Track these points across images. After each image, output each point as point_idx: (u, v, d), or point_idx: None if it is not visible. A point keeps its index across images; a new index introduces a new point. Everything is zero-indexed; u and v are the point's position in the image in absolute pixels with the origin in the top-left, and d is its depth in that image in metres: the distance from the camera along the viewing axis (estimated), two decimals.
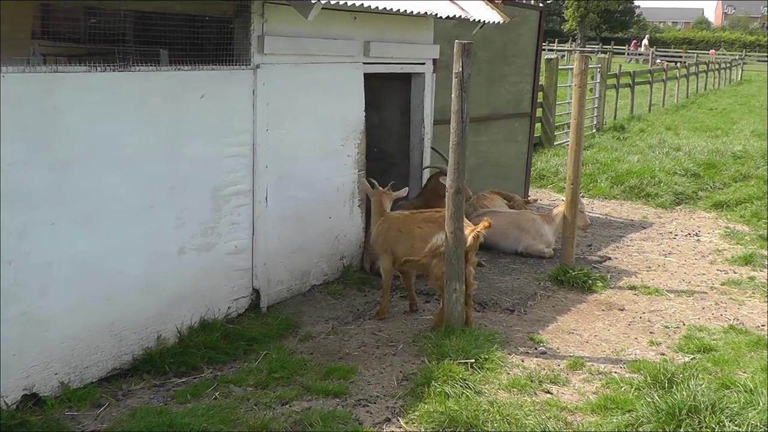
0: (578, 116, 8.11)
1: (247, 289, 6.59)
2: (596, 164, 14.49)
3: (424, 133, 8.69)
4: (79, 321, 5.17)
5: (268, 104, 6.48)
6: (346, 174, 7.56)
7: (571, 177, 8.23)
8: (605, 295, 7.67)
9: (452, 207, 6.11)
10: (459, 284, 6.17)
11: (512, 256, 8.98)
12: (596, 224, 10.77)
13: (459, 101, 6.01)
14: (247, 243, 6.50)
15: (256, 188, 6.48)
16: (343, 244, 7.70)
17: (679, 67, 34.82)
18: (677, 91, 31.47)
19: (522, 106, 11.18)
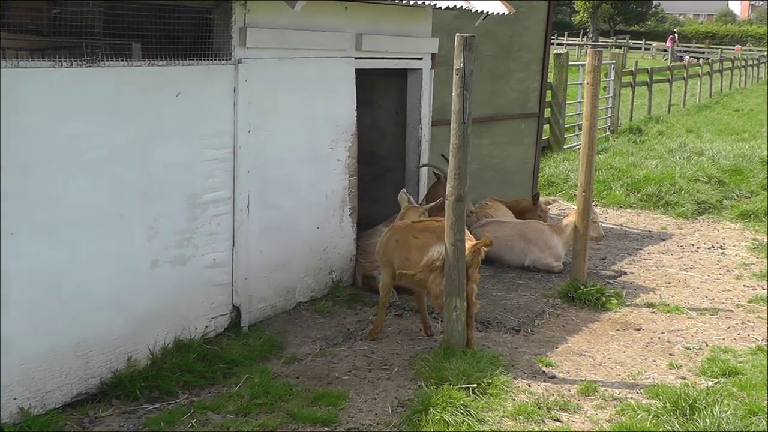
0: (591, 117, 8.15)
1: (227, 306, 6.59)
2: (610, 170, 14.54)
3: (421, 135, 8.72)
4: (40, 341, 5.17)
5: (251, 103, 6.50)
6: (335, 180, 7.57)
7: (583, 184, 8.26)
8: (620, 313, 7.69)
9: (452, 216, 6.13)
10: (460, 301, 6.19)
11: (518, 271, 9.00)
12: (610, 236, 10.80)
13: (460, 100, 6.04)
14: (226, 255, 6.50)
15: (236, 195, 6.49)
16: (333, 257, 7.71)
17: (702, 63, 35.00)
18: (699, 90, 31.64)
19: (529, 105, 11.22)
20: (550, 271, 8.97)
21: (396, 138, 9.05)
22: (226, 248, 6.49)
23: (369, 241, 7.95)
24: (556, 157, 16.14)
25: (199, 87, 6.08)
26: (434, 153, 9.03)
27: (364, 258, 7.89)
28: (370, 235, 8.04)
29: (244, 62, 6.40)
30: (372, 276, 7.83)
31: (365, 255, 7.89)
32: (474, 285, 6.35)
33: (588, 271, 8.61)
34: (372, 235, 8.03)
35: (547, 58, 11.33)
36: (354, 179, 7.81)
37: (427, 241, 6.43)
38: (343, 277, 7.86)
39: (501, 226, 9.26)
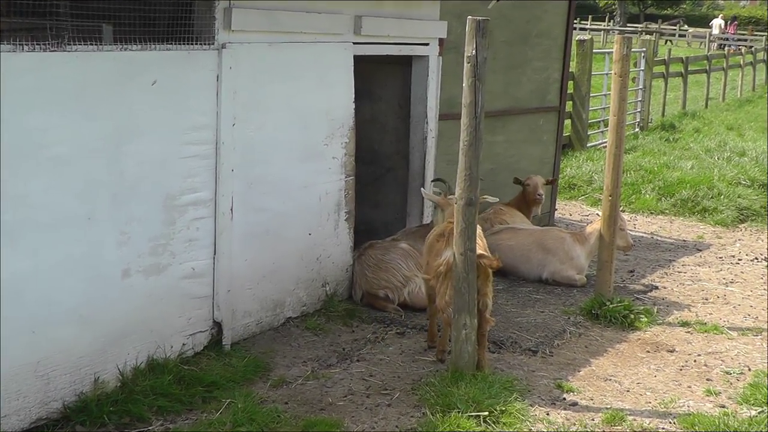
0: (618, 112, 8.17)
1: (207, 321, 6.60)
2: (640, 171, 14.55)
3: (427, 131, 8.74)
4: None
5: (236, 93, 6.52)
6: (330, 180, 7.59)
7: (609, 187, 8.27)
8: (651, 332, 7.70)
9: (462, 222, 6.15)
10: (469, 318, 6.20)
11: (535, 284, 9.02)
12: (640, 245, 10.81)
13: (472, 91, 6.06)
14: (206, 264, 6.51)
15: (219, 197, 6.50)
16: (327, 268, 7.72)
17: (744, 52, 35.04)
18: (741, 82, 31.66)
19: (548, 98, 11.24)
20: (571, 285, 8.98)
21: (399, 134, 9.07)
22: (206, 256, 6.50)
23: (385, 256, 7.95)
24: (579, 157, 16.15)
25: (178, 75, 6.10)
26: (442, 151, 9.05)
27: (373, 273, 7.88)
28: (386, 249, 8.03)
29: (229, 47, 6.42)
30: (376, 295, 7.84)
31: (376, 270, 7.88)
32: (488, 300, 6.37)
33: (614, 285, 8.62)
34: (389, 249, 8.02)
35: (569, 45, 11.35)
36: (351, 180, 7.82)
37: (443, 246, 6.49)
38: (338, 290, 7.88)
39: (516, 233, 9.27)
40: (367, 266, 7.94)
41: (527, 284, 9.00)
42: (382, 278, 7.84)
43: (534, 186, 9.95)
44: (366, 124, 9.03)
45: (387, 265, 7.88)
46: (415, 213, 8.93)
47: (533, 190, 9.94)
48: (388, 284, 7.84)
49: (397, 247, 8.05)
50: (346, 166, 7.75)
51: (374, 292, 7.86)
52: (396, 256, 7.96)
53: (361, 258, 8.01)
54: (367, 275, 7.90)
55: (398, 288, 7.83)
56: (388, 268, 7.88)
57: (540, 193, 9.95)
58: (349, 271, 7.98)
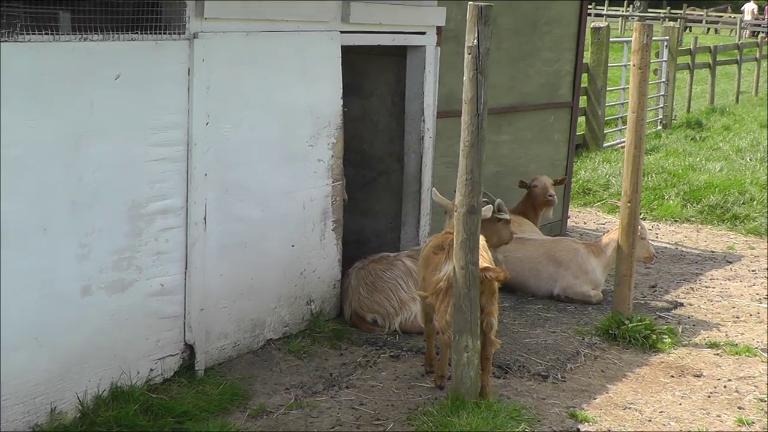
0: (638, 108, 8.18)
1: (178, 344, 6.59)
2: (663, 174, 14.58)
3: (423, 130, 8.74)
4: None
5: (209, 88, 6.52)
6: (315, 185, 7.59)
7: (628, 192, 8.28)
8: (675, 355, 7.71)
9: (463, 232, 6.14)
10: (471, 340, 6.20)
11: (545, 301, 9.02)
12: (663, 257, 10.83)
13: (473, 86, 6.06)
14: (177, 280, 6.51)
15: (190, 204, 6.50)
16: (312, 283, 7.72)
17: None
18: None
19: (560, 93, 11.26)
20: (586, 302, 8.98)
21: (392, 133, 9.07)
22: (176, 271, 6.50)
23: (386, 273, 7.94)
24: (594, 158, 16.17)
25: (144, 68, 6.09)
26: (440, 152, 9.06)
27: (367, 292, 7.86)
28: (389, 265, 7.99)
29: (202, 37, 6.42)
30: (364, 318, 7.83)
31: (371, 289, 7.86)
32: (492, 319, 6.37)
33: (634, 301, 8.62)
34: (392, 265, 7.98)
35: (583, 33, 11.37)
36: (339, 185, 7.83)
37: (442, 259, 6.49)
38: (324, 308, 7.87)
39: (524, 244, 9.27)
40: (364, 283, 7.92)
41: (536, 301, 9.01)
42: (375, 300, 7.82)
43: (543, 186, 9.95)
44: (355, 123, 9.03)
45: (384, 284, 7.86)
46: (410, 222, 8.93)
47: (542, 191, 9.93)
48: (379, 308, 7.80)
49: (400, 264, 8.02)
50: (333, 169, 7.75)
51: (362, 314, 7.86)
52: (396, 274, 7.94)
53: (361, 272, 8.00)
54: (360, 293, 7.89)
55: (390, 315, 7.78)
56: (384, 288, 7.85)
57: (551, 193, 9.95)
58: (336, 287, 7.97)
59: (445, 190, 8.68)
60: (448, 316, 6.32)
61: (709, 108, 24.06)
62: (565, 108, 11.43)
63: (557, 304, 8.95)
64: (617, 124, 19.15)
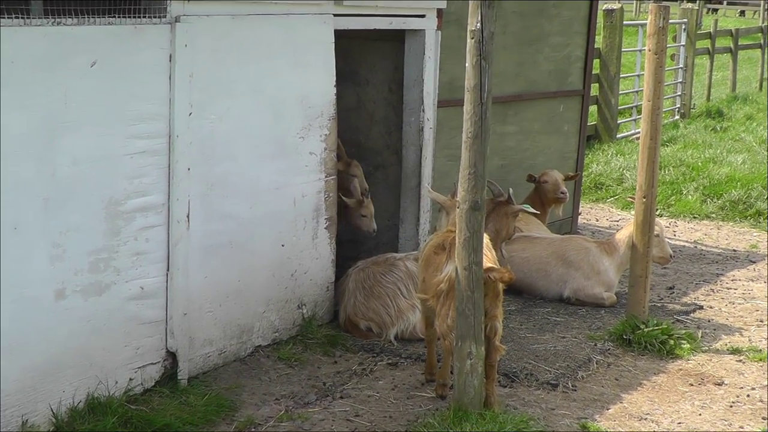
0: (653, 96, 8.18)
1: (159, 351, 6.59)
2: (681, 167, 14.57)
3: (423, 120, 8.74)
4: None
5: (193, 76, 6.51)
6: (307, 180, 7.59)
7: (644, 186, 8.28)
8: (695, 362, 7.71)
9: (466, 230, 6.14)
10: (475, 346, 6.20)
11: (555, 304, 9.02)
12: (681, 256, 10.82)
13: (476, 73, 6.06)
14: (158, 283, 6.51)
15: (172, 201, 6.50)
16: (303, 286, 7.72)
17: None
18: None
19: (569, 80, 11.26)
20: (598, 305, 8.99)
21: (389, 124, 9.07)
22: (158, 273, 6.49)
23: (385, 276, 7.92)
24: (607, 150, 16.16)
25: (123, 55, 6.09)
26: (441, 144, 9.05)
27: (364, 297, 7.85)
28: (391, 268, 7.97)
29: (184, 21, 6.41)
30: (357, 325, 7.84)
31: (368, 294, 7.85)
32: (497, 323, 6.37)
33: (650, 304, 8.61)
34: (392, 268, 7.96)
35: (594, 15, 11.37)
36: (332, 179, 7.82)
37: (443, 259, 6.48)
38: (317, 313, 7.87)
39: (532, 242, 9.27)
40: (362, 287, 7.91)
41: (545, 304, 9.01)
42: (371, 307, 7.81)
43: (554, 182, 9.94)
44: (350, 113, 9.03)
45: (382, 289, 7.84)
46: (409, 219, 8.93)
47: (553, 186, 9.92)
48: (375, 316, 7.80)
49: (401, 266, 7.99)
50: (326, 163, 7.75)
51: (355, 321, 7.85)
52: (396, 278, 7.92)
53: (360, 274, 7.99)
54: (356, 297, 7.88)
55: (385, 324, 7.77)
56: (381, 294, 7.84)
57: (563, 190, 9.94)
58: (330, 290, 7.97)
59: (446, 185, 8.71)
60: (450, 320, 6.33)
61: (731, 96, 24.06)
62: (576, 96, 11.43)
63: (567, 308, 8.94)
64: (632, 114, 19.15)
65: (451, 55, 8.88)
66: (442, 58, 8.84)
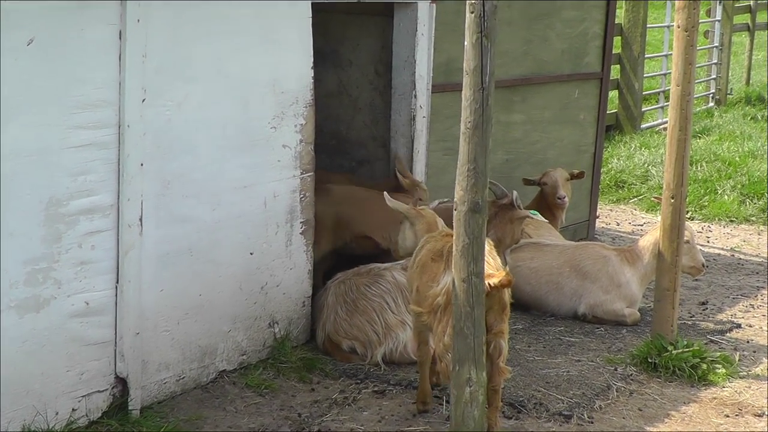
0: (683, 80, 8.20)
1: (107, 377, 6.59)
2: (715, 162, 14.60)
3: (415, 108, 8.74)
4: None
5: (146, 56, 6.51)
6: (279, 177, 7.59)
7: (672, 185, 8.29)
8: (731, 389, 7.71)
9: (465, 237, 6.12)
10: (476, 371, 6.18)
11: (568, 322, 9.03)
12: (714, 266, 10.84)
13: (477, 53, 6.06)
14: (106, 297, 6.50)
15: (123, 202, 6.49)
16: (275, 301, 7.73)
17: None
18: None
19: (586, 61, 11.28)
20: (619, 323, 8.99)
21: (376, 112, 9.08)
22: (105, 285, 6.49)
23: (370, 289, 7.91)
24: (630, 143, 16.19)
25: (64, 32, 6.08)
26: (436, 135, 9.06)
27: (347, 313, 7.85)
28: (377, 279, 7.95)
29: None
30: (339, 345, 7.85)
31: (351, 310, 7.84)
32: (502, 341, 6.36)
33: (680, 322, 8.63)
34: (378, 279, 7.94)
35: None
36: (310, 177, 7.82)
37: (441, 268, 6.47)
38: (291, 332, 7.87)
39: (541, 251, 9.27)
40: (343, 301, 7.90)
41: (557, 322, 9.03)
42: (355, 323, 7.81)
43: (553, 184, 9.87)
44: (330, 99, 9.05)
45: (368, 304, 7.84)
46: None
47: (551, 189, 9.85)
48: (359, 334, 7.79)
49: (388, 277, 7.98)
50: (303, 157, 7.75)
51: (337, 340, 7.86)
52: (383, 290, 7.92)
53: (341, 287, 7.99)
54: (338, 313, 7.87)
55: (372, 343, 7.77)
56: (367, 309, 7.84)
57: (561, 195, 9.84)
58: (306, 306, 7.97)
59: (442, 183, 8.73)
60: (447, 338, 6.29)
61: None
62: (593, 80, 11.45)
63: (583, 326, 8.95)
64: (658, 100, 19.19)
65: (447, 32, 8.89)
66: (437, 36, 8.84)
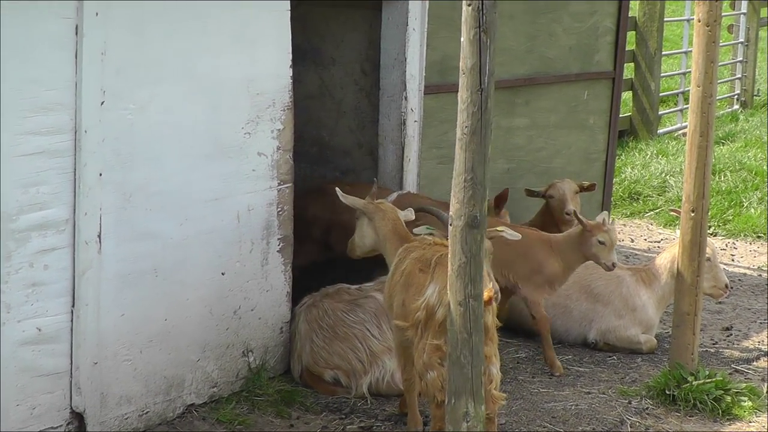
0: (704, 80, 8.22)
1: (62, 412, 6.58)
2: (740, 172, 14.62)
3: (405, 111, 8.75)
4: None
5: (105, 54, 6.51)
6: (254, 189, 7.59)
7: (692, 197, 8.30)
8: (758, 423, 7.73)
9: (462, 255, 6.12)
10: (473, 405, 6.18)
11: (578, 349, 9.05)
12: (740, 288, 10.85)
13: (475, 50, 6.07)
14: (61, 323, 6.50)
15: (79, 216, 6.49)
16: (250, 327, 7.72)
17: None
18: None
19: (596, 59, 11.30)
20: (633, 350, 9.01)
21: (362, 116, 9.09)
22: (60, 309, 6.48)
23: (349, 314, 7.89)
24: (645, 150, 16.22)
25: (14, 26, 6.08)
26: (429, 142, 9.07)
27: (324, 340, 7.84)
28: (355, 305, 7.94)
29: None
30: (321, 376, 7.83)
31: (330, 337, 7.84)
32: (492, 367, 6.35)
33: (701, 349, 8.65)
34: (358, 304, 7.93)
35: None
36: (288, 188, 7.82)
37: (425, 279, 6.49)
38: (267, 361, 7.87)
39: None
40: (318, 327, 7.91)
41: (565, 350, 9.04)
42: (336, 351, 7.80)
43: (560, 197, 9.82)
44: (311, 102, 9.06)
45: (348, 330, 7.83)
46: None
47: (559, 203, 9.78)
48: (341, 362, 7.79)
49: (370, 302, 7.98)
50: (280, 166, 7.75)
51: (317, 371, 7.86)
52: (365, 317, 7.92)
53: (312, 312, 7.99)
54: (314, 342, 7.88)
55: (356, 373, 7.77)
56: (348, 335, 7.83)
57: (570, 209, 9.76)
58: (285, 332, 7.97)
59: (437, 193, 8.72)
60: (426, 356, 6.31)
61: None
62: (605, 80, 11.47)
63: (594, 354, 8.97)
64: (677, 103, 19.21)
65: (442, 26, 8.92)
66: (430, 31, 8.86)
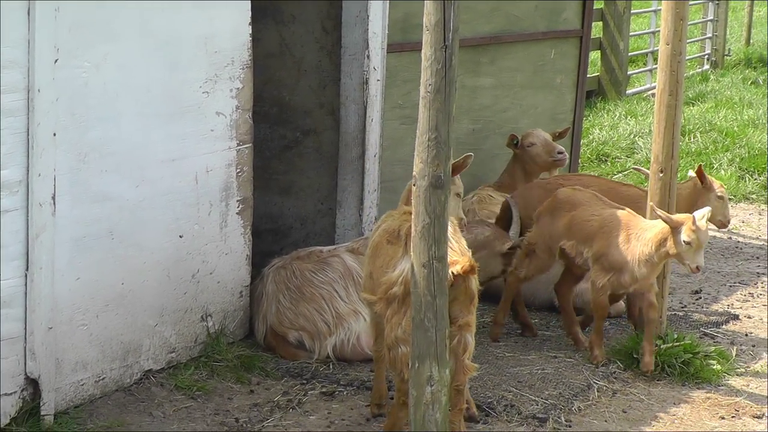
0: (673, 37, 8.24)
1: (15, 378, 6.58)
2: (711, 133, 14.64)
3: (368, 70, 8.75)
4: None
5: (59, 10, 6.48)
6: (213, 150, 7.59)
7: (661, 158, 8.33)
8: (727, 388, 7.77)
9: (425, 216, 6.12)
10: (438, 369, 6.18)
11: (544, 314, 9.12)
12: (710, 251, 10.88)
13: (439, 6, 6.09)
14: (14, 287, 6.50)
15: (32, 177, 6.48)
16: (209, 290, 7.74)
17: None
18: None
19: (563, 17, 11.30)
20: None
21: (323, 75, 9.08)
22: (13, 273, 6.49)
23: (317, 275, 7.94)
24: (614, 110, 16.23)
25: None
26: (392, 102, 9.07)
27: (290, 301, 7.88)
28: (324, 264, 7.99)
29: None
30: (285, 337, 7.87)
31: (296, 297, 7.88)
32: (468, 334, 6.36)
33: (670, 313, 8.68)
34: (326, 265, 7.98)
35: None
36: (247, 149, 7.82)
37: (397, 252, 6.51)
38: (227, 326, 7.88)
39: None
40: (285, 288, 7.94)
41: (531, 314, 9.02)
42: (301, 312, 7.83)
43: (544, 143, 9.87)
44: (271, 60, 9.04)
45: (315, 291, 7.87)
46: (350, 201, 8.92)
47: (545, 148, 9.84)
48: (306, 323, 7.82)
49: (337, 262, 8.04)
50: (239, 126, 7.75)
51: (282, 331, 7.90)
52: (332, 277, 7.96)
53: (281, 273, 8.02)
54: (280, 303, 7.92)
55: (321, 334, 7.81)
56: (314, 296, 7.87)
57: (561, 149, 9.85)
58: (244, 296, 7.98)
59: (399, 156, 8.75)
60: (401, 331, 6.30)
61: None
62: (572, 38, 11.48)
63: (560, 318, 8.92)
64: (646, 62, 19.27)
65: None
66: None
